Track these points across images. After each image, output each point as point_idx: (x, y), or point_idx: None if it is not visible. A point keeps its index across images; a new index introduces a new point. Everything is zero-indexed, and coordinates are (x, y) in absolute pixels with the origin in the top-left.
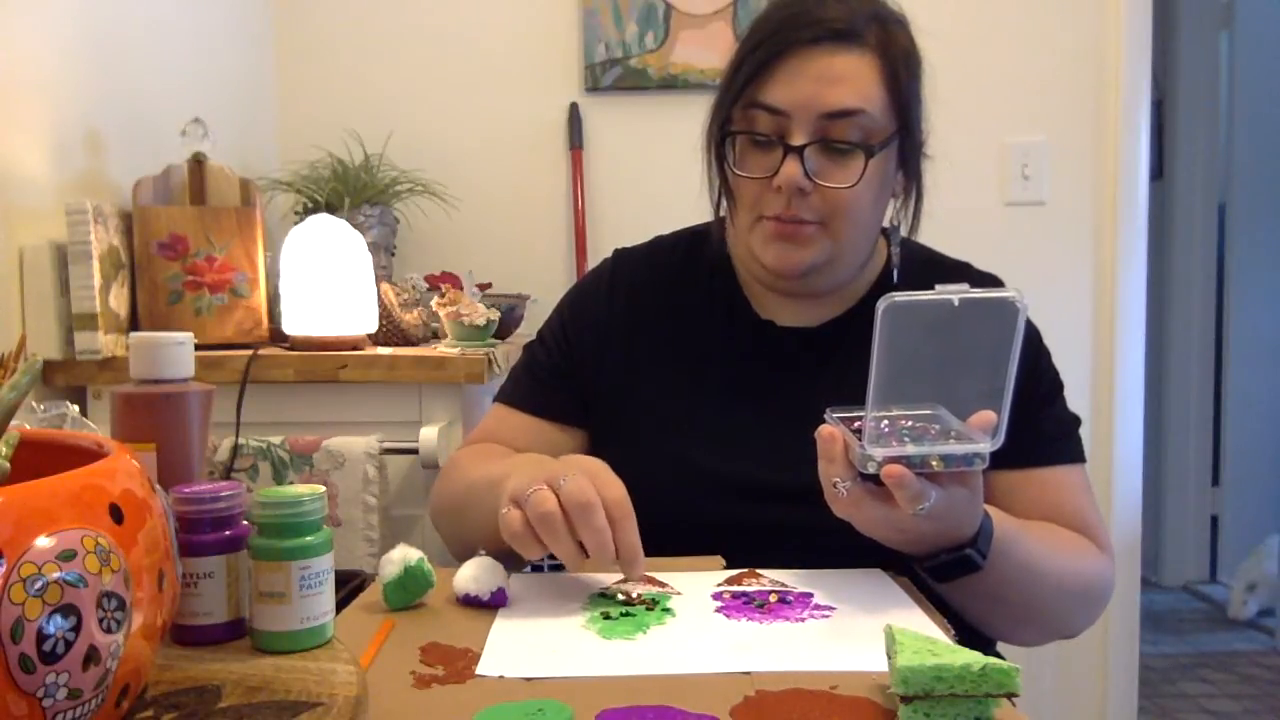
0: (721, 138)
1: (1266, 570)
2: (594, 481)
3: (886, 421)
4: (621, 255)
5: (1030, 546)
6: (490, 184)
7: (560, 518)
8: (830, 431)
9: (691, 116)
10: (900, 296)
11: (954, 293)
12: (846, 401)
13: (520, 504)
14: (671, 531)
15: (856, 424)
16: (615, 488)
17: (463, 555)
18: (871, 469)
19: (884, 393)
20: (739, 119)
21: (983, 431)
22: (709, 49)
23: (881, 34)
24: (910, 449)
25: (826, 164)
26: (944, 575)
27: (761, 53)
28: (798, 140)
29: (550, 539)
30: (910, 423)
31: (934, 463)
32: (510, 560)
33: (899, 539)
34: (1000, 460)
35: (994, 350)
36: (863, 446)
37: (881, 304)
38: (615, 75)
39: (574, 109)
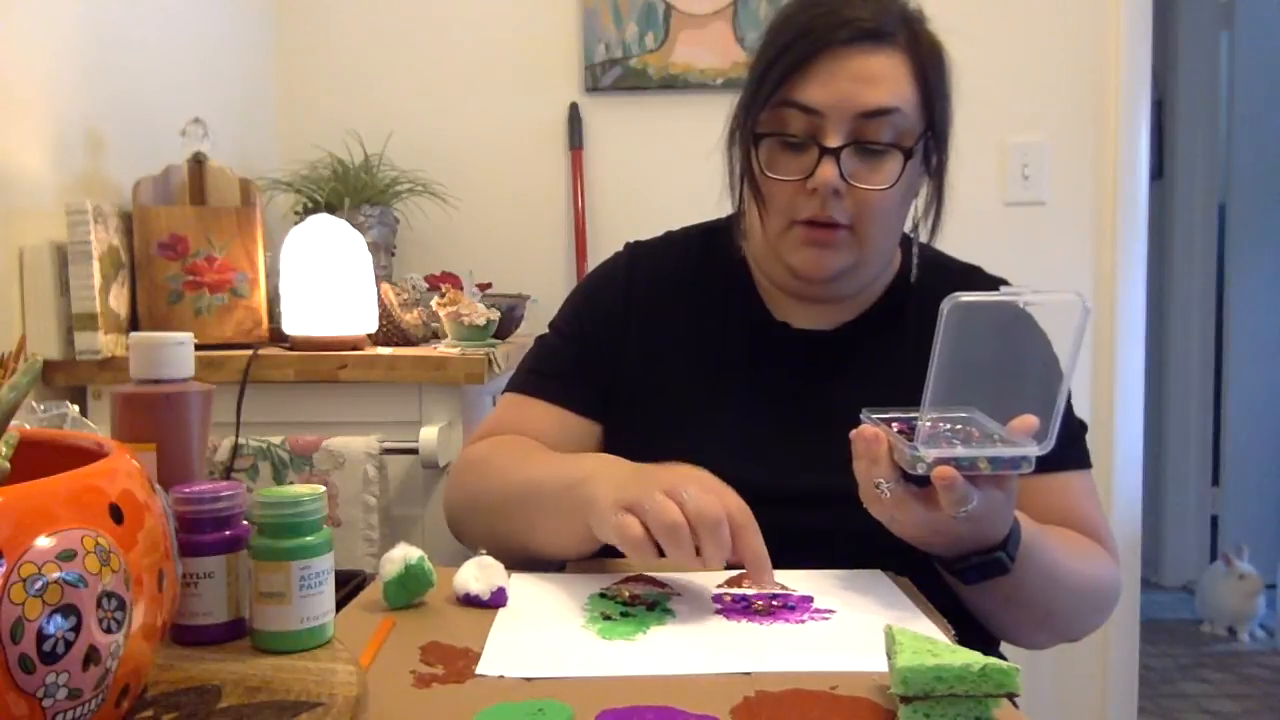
0: (751, 139)
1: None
2: (707, 488)
3: (928, 423)
4: (636, 248)
5: (1051, 551)
6: (490, 184)
7: (688, 530)
8: (874, 432)
9: (692, 116)
10: (965, 297)
11: (1019, 295)
12: (863, 404)
13: (636, 511)
14: None
15: (895, 425)
16: (734, 497)
17: (507, 553)
18: (922, 470)
19: (941, 393)
20: (768, 120)
21: (1023, 435)
22: (709, 49)
23: (910, 33)
24: (960, 451)
25: (860, 166)
26: (972, 577)
27: (795, 52)
28: (833, 141)
29: (674, 549)
30: (949, 425)
31: (982, 465)
32: (544, 563)
33: (935, 541)
34: None
35: (1050, 352)
36: (914, 447)
37: (946, 304)
38: (615, 75)
39: (574, 109)
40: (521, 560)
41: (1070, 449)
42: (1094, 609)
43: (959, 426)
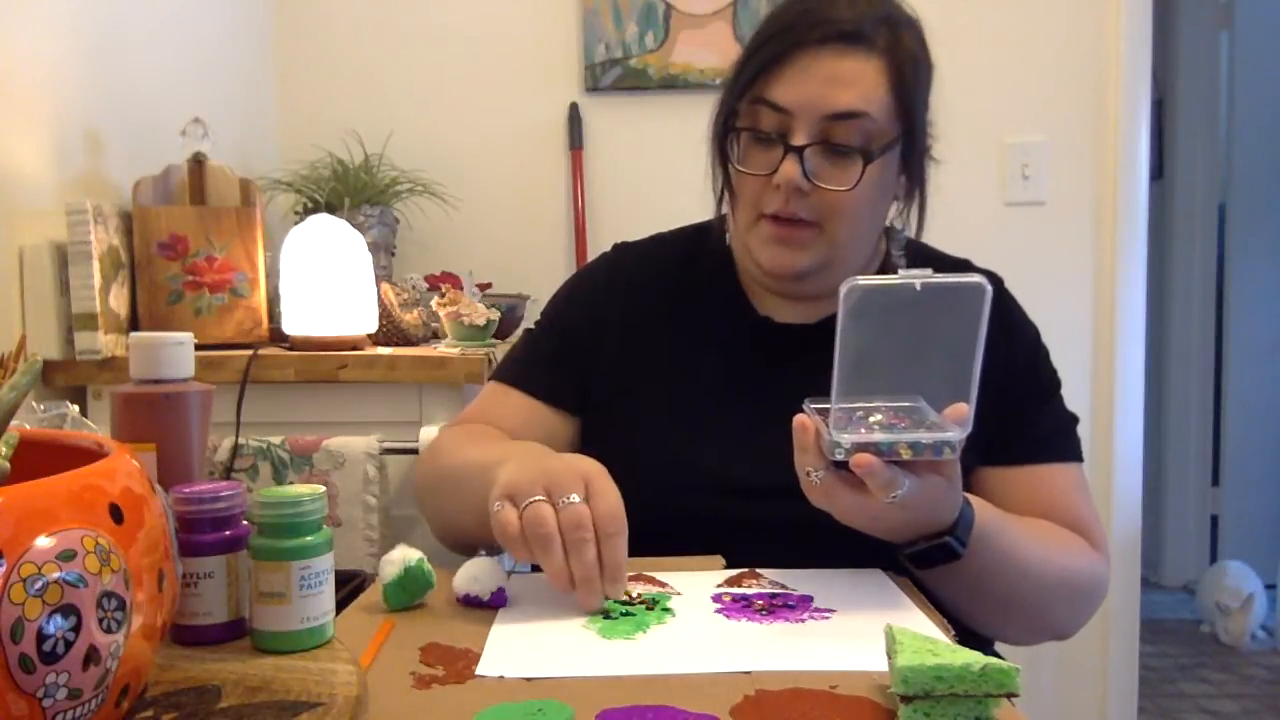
0: (726, 132)
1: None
2: (590, 489)
3: (861, 411)
4: (622, 249)
5: (1014, 539)
6: (490, 184)
7: (558, 540)
8: (803, 420)
9: (691, 116)
10: (863, 279)
11: (918, 277)
12: None
13: (516, 504)
14: (666, 526)
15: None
16: (609, 499)
17: (445, 537)
18: (840, 455)
19: (850, 378)
20: (744, 114)
21: (957, 423)
22: (709, 49)
23: (890, 37)
24: (879, 436)
25: (826, 165)
26: (924, 562)
27: (769, 49)
28: (799, 140)
29: (544, 558)
30: (881, 415)
31: (902, 451)
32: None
33: (877, 527)
34: (995, 457)
35: (961, 336)
36: (830, 433)
37: (844, 286)
38: (615, 75)
39: (574, 109)
40: (462, 545)
41: (1057, 441)
42: (1071, 603)
43: (894, 415)
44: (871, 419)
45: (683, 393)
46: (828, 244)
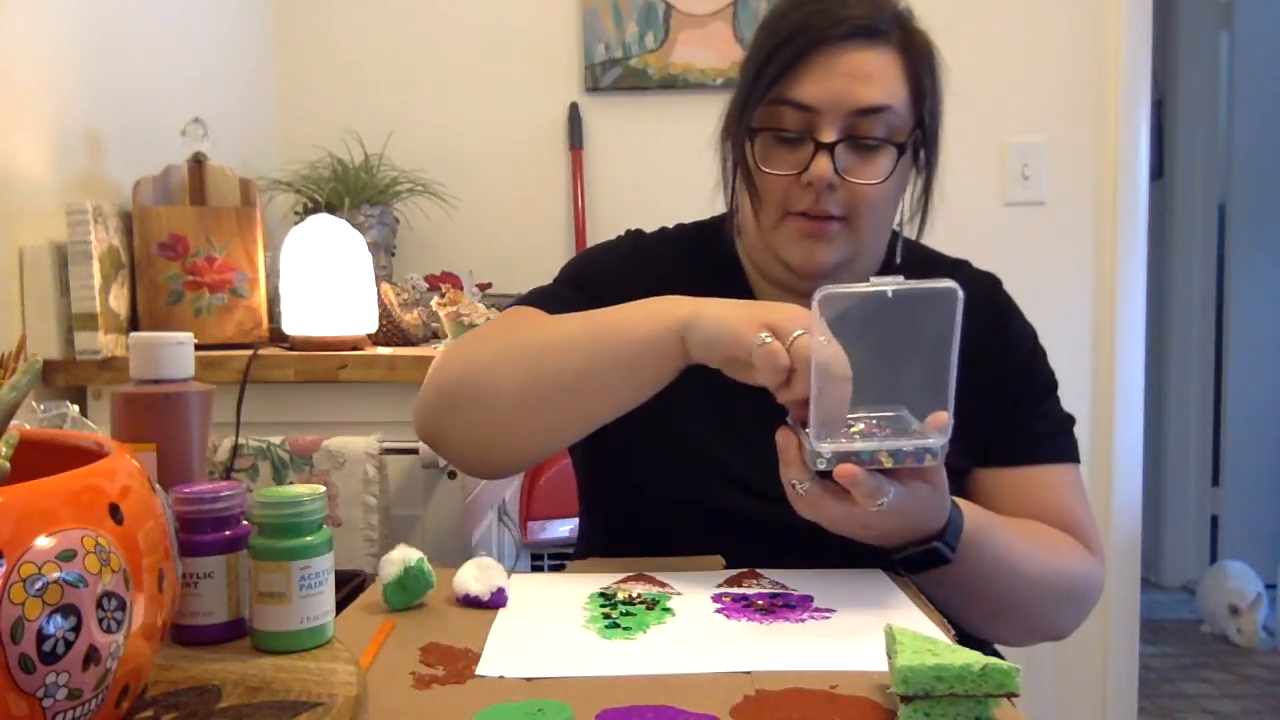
0: (745, 135)
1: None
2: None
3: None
4: (638, 235)
5: (1005, 542)
6: (490, 184)
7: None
8: (784, 433)
9: (691, 116)
10: (834, 287)
11: (889, 284)
12: None
13: (780, 336)
14: (676, 517)
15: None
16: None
17: (530, 416)
18: (822, 465)
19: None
20: (762, 116)
21: (939, 431)
22: (709, 49)
23: (903, 32)
24: (859, 445)
25: (854, 160)
26: (914, 567)
27: (789, 49)
28: (828, 137)
29: (801, 388)
30: (863, 425)
31: (883, 459)
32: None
33: (866, 534)
34: (990, 457)
35: (936, 342)
36: (812, 444)
37: (817, 295)
38: (615, 75)
39: (574, 109)
40: (553, 422)
41: (1052, 442)
42: (1065, 604)
43: (878, 425)
44: (853, 429)
45: (686, 390)
46: (853, 239)
